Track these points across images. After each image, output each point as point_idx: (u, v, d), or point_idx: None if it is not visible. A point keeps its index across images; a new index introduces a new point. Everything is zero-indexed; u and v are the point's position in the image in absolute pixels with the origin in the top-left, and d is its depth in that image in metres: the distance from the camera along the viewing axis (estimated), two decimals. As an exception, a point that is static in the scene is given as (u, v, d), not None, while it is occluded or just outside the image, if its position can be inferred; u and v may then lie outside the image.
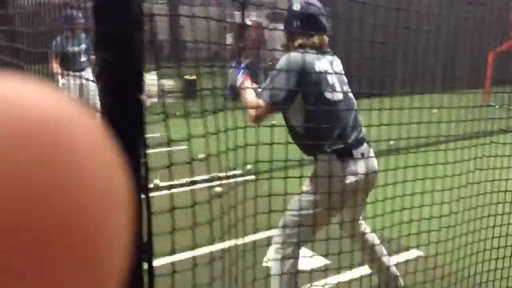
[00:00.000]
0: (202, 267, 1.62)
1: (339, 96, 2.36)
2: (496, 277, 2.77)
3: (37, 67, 2.20)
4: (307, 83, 2.27)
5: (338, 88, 2.37)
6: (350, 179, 2.27)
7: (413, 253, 3.10)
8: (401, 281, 2.61)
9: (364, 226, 2.61)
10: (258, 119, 2.28)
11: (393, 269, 2.61)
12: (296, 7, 2.38)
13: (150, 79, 8.94)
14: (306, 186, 2.39)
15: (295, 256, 2.39)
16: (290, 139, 2.26)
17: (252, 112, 2.28)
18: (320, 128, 2.25)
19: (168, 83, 9.16)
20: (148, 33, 0.96)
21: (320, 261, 3.16)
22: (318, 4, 2.42)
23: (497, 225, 2.73)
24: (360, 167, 2.30)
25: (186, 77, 9.48)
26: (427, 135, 2.82)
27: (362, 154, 2.33)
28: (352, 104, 2.41)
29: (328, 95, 2.33)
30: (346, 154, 2.28)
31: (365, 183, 2.30)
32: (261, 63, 9.86)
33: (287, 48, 2.42)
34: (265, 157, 2.22)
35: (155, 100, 9.31)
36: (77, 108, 0.32)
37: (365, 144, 2.38)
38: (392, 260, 2.64)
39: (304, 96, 2.28)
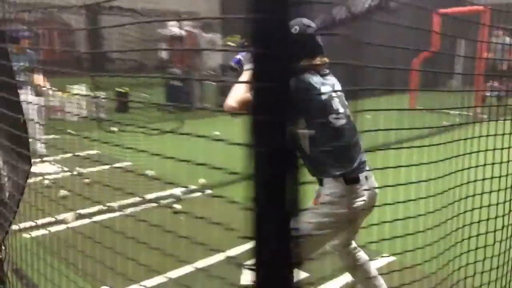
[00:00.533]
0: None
1: (342, 120, 2.34)
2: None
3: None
4: (311, 109, 2.23)
5: (341, 112, 2.36)
6: (357, 203, 2.26)
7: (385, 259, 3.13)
8: None
9: (354, 243, 2.60)
10: (234, 108, 2.17)
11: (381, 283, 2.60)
12: (295, 29, 2.30)
13: (80, 92, 8.43)
14: (308, 208, 2.34)
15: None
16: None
17: (233, 100, 2.16)
18: (326, 153, 2.24)
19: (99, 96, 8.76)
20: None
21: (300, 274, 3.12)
22: (314, 25, 2.38)
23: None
24: (365, 190, 2.30)
25: (118, 89, 9.14)
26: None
27: (366, 177, 2.32)
28: (354, 126, 2.39)
29: (332, 120, 2.31)
30: (352, 179, 2.27)
31: (369, 205, 2.30)
32: (195, 73, 9.72)
33: None
34: (220, 170, 2.13)
35: (84, 114, 8.87)
36: None
37: (367, 167, 2.37)
38: (379, 277, 2.63)
39: (308, 121, 2.24)
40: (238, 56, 2.43)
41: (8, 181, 1.89)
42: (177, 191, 4.56)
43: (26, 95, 4.47)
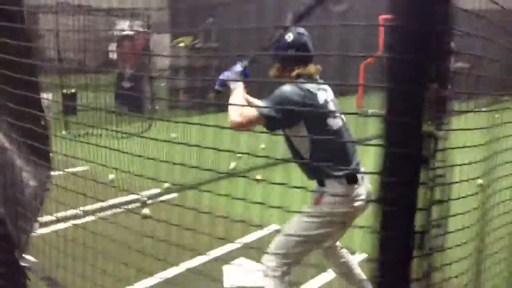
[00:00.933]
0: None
1: (339, 122, 2.42)
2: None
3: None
4: (310, 113, 2.30)
5: (337, 114, 2.44)
6: (358, 202, 2.32)
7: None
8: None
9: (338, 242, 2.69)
10: (241, 126, 2.23)
11: (363, 279, 2.68)
12: (289, 37, 2.39)
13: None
14: (309, 208, 2.38)
15: (289, 274, 2.38)
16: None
17: (237, 117, 2.22)
18: (326, 155, 2.29)
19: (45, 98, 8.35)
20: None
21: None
22: (306, 33, 2.47)
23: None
24: (363, 189, 2.36)
25: (65, 91, 8.78)
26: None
27: (362, 178, 2.38)
28: (349, 129, 2.47)
29: (330, 123, 2.37)
30: (352, 179, 2.34)
31: (365, 205, 2.37)
32: (145, 73, 9.53)
33: (280, 78, 2.40)
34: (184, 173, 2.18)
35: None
36: None
37: (362, 168, 2.43)
38: (360, 271, 2.70)
39: (308, 124, 2.31)
40: (221, 78, 2.46)
41: (32, 180, 1.80)
42: (142, 195, 4.44)
43: None
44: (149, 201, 4.38)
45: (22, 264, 1.81)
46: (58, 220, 3.69)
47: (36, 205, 1.81)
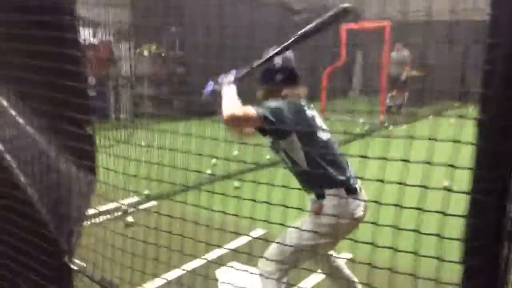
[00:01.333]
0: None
1: (328, 135, 2.56)
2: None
3: None
4: (302, 126, 2.43)
5: (325, 128, 2.58)
6: (358, 213, 2.40)
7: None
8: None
9: None
10: (237, 120, 2.30)
11: (354, 281, 2.76)
12: (278, 62, 2.52)
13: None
14: (308, 218, 2.44)
15: (286, 277, 2.46)
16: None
17: (235, 111, 2.29)
18: (323, 165, 2.39)
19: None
20: None
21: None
22: (293, 58, 2.62)
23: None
24: (361, 200, 2.44)
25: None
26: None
27: (360, 188, 2.47)
28: (336, 142, 2.59)
29: (320, 135, 2.51)
30: (352, 189, 2.42)
31: (364, 215, 2.46)
32: (109, 82, 9.41)
33: (268, 99, 2.50)
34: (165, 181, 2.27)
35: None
36: None
37: (358, 180, 2.52)
38: (350, 272, 2.79)
39: (300, 137, 2.42)
40: (210, 88, 2.57)
41: (77, 184, 1.79)
42: (124, 203, 4.41)
43: None
44: (131, 209, 4.35)
45: (72, 267, 1.80)
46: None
47: (82, 209, 1.81)
